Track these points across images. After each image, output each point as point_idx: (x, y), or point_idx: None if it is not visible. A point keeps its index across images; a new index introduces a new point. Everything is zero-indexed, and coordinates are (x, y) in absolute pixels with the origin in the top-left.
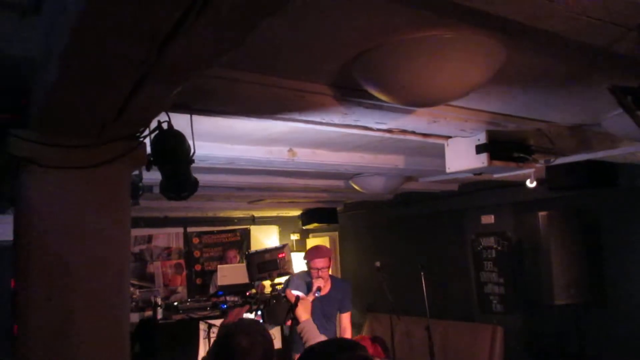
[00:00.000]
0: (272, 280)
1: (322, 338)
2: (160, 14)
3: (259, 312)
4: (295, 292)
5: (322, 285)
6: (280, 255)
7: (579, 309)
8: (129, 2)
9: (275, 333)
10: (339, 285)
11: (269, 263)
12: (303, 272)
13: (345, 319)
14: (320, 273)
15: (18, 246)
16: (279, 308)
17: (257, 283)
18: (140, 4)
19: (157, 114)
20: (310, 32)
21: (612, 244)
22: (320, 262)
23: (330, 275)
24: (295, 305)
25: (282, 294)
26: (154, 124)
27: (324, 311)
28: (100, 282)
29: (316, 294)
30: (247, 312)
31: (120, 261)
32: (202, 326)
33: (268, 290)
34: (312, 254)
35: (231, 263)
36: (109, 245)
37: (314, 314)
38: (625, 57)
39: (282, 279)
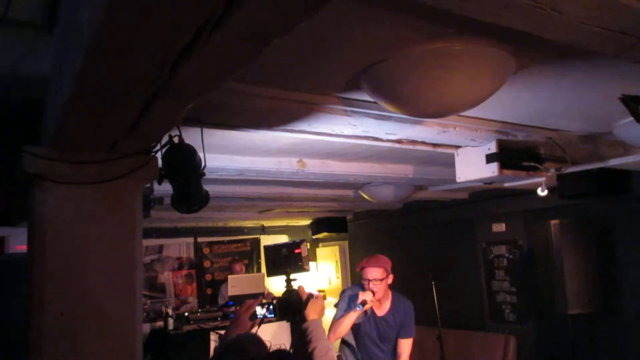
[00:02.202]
0: (287, 276)
1: (327, 341)
2: (173, 34)
3: (271, 307)
4: (309, 291)
5: (370, 299)
6: (297, 251)
7: (592, 318)
8: (141, 23)
9: (286, 343)
10: (400, 305)
11: (285, 258)
12: (359, 284)
13: (405, 345)
14: (370, 285)
15: (31, 261)
16: (290, 304)
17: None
18: (152, 25)
19: (168, 130)
20: (319, 44)
21: (625, 252)
22: (371, 272)
23: (392, 293)
24: (306, 303)
25: (295, 290)
26: (165, 138)
27: (379, 334)
28: (113, 295)
29: (357, 308)
30: (259, 304)
31: (132, 274)
32: (213, 336)
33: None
34: (364, 262)
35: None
36: (121, 259)
37: (368, 335)
38: (636, 65)
39: (298, 275)
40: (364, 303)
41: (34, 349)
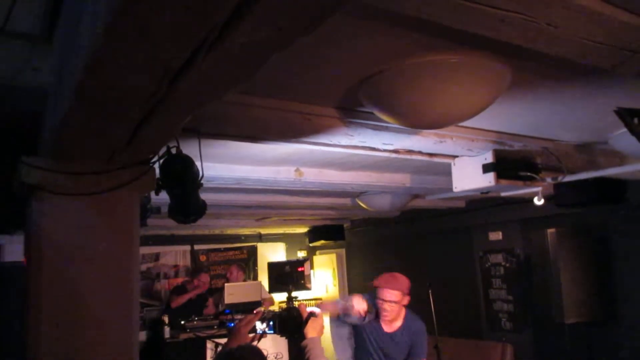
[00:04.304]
0: (289, 293)
1: (324, 359)
2: (172, 51)
3: (271, 322)
4: (310, 309)
5: (365, 310)
6: (300, 269)
7: (590, 327)
8: (141, 40)
9: (283, 352)
10: (411, 325)
11: (287, 275)
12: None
13: None
14: (384, 306)
15: (28, 271)
16: (290, 321)
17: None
18: (151, 42)
19: (166, 141)
20: (318, 57)
21: (622, 261)
22: (387, 294)
23: (407, 312)
24: (306, 322)
25: (295, 307)
26: (163, 149)
27: (383, 350)
28: (110, 305)
29: (347, 319)
30: (258, 320)
31: (129, 285)
32: (209, 345)
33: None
34: (381, 280)
35: (235, 280)
36: (118, 269)
37: (371, 351)
38: (631, 78)
39: (299, 293)
40: (364, 317)
41: (31, 355)
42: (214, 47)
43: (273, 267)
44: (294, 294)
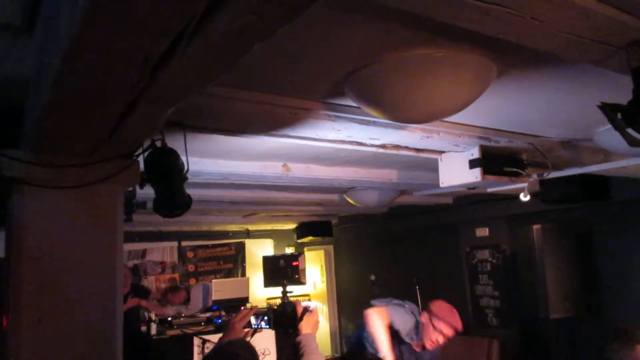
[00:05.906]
0: (283, 287)
1: (319, 356)
2: (151, 40)
3: (265, 318)
4: (305, 304)
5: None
6: (294, 263)
7: (575, 322)
8: (119, 29)
9: (271, 348)
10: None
11: (282, 270)
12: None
13: None
14: (439, 339)
15: (9, 266)
16: (285, 317)
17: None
18: (130, 31)
19: (149, 134)
20: (302, 50)
21: (607, 257)
22: (448, 331)
23: None
24: (301, 318)
25: (291, 302)
26: (148, 142)
27: None
28: (92, 301)
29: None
30: (253, 315)
31: (112, 280)
32: (197, 341)
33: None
34: (444, 311)
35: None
36: (101, 264)
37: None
38: (615, 74)
39: (294, 287)
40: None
41: (11, 356)
42: (195, 34)
43: (267, 261)
44: (288, 288)
